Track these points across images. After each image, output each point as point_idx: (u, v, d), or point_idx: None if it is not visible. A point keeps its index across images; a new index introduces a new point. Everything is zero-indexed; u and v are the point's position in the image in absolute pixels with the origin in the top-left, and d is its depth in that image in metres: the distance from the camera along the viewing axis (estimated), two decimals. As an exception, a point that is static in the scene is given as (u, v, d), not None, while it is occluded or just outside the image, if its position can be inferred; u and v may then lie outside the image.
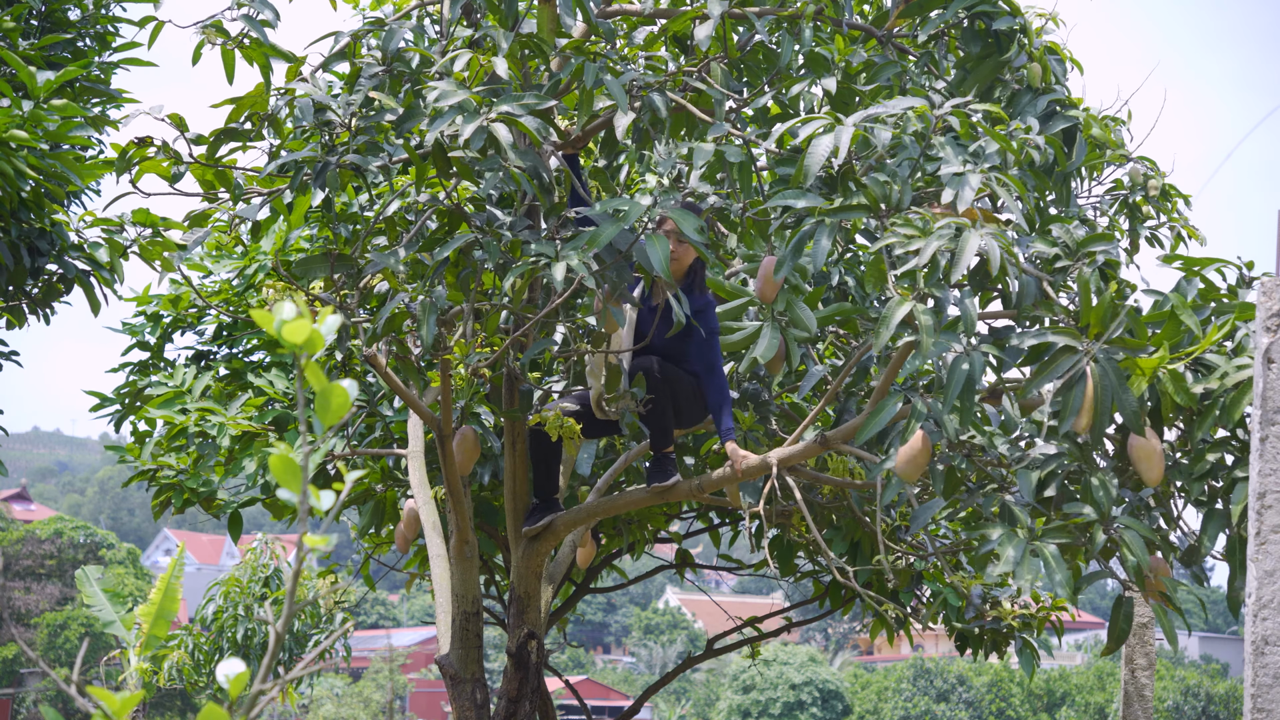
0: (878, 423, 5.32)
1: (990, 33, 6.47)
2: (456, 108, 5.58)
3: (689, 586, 21.47)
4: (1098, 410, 5.02)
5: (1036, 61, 6.47)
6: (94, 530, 42.01)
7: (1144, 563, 5.15)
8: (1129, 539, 5.19)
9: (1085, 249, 5.48)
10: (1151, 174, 7.63)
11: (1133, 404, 5.04)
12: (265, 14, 6.15)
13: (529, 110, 5.64)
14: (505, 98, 5.64)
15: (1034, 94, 6.50)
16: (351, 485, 6.77)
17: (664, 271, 5.62)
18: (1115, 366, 5.03)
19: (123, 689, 5.34)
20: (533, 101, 5.66)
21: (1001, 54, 6.46)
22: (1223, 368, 5.16)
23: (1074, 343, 5.07)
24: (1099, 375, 5.02)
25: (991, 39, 6.48)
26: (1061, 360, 5.06)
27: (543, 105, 5.68)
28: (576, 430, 6.48)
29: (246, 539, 15.69)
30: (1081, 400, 5.01)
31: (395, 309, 6.00)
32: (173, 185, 6.29)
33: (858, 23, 6.66)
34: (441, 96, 5.60)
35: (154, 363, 9.26)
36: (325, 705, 39.41)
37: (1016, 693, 44.04)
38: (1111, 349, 5.07)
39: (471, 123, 5.52)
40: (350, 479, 2.17)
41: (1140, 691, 9.03)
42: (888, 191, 5.26)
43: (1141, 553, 5.16)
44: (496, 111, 5.58)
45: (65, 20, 8.60)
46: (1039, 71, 6.47)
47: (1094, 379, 5.01)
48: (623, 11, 6.79)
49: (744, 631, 10.11)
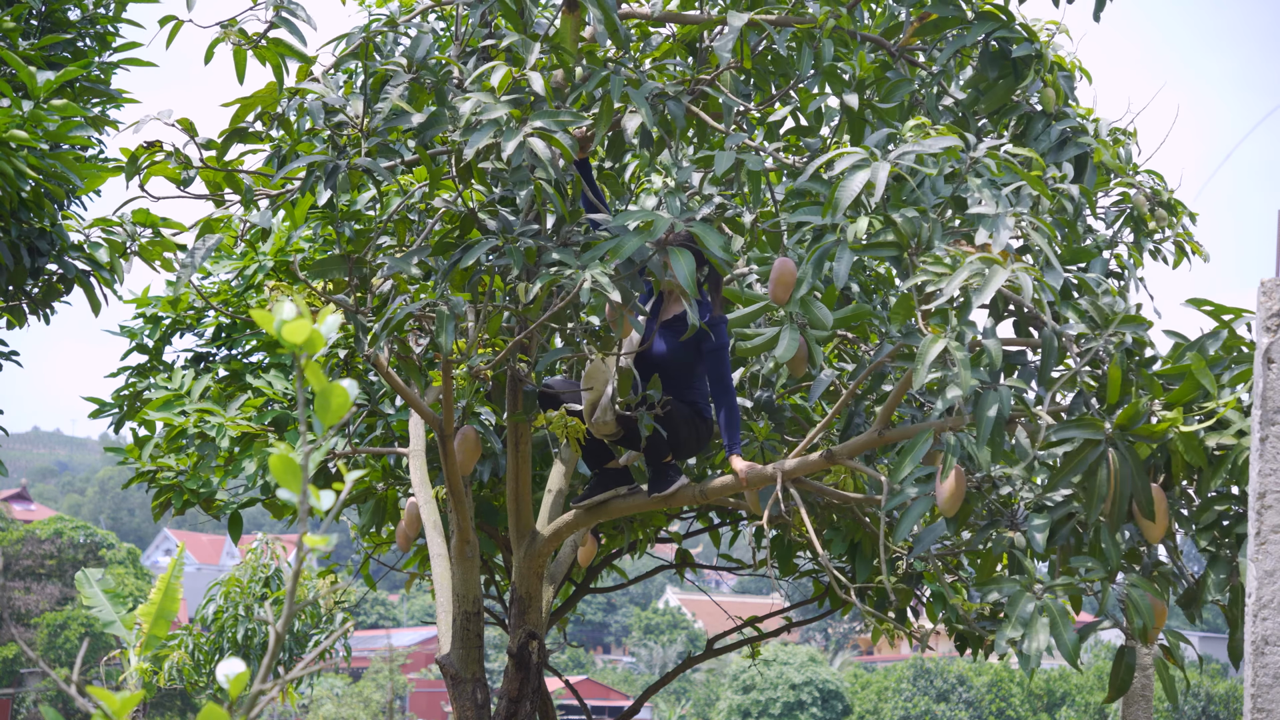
0: (912, 459, 5.33)
1: (1007, 57, 6.45)
2: (493, 123, 5.58)
3: (689, 586, 21.46)
4: (1117, 497, 5.13)
5: (1050, 87, 6.48)
6: (94, 530, 42.02)
7: (1150, 624, 5.22)
8: (1136, 598, 5.24)
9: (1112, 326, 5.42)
10: (1158, 189, 7.65)
11: (1146, 490, 5.15)
12: (296, 13, 6.09)
13: (563, 127, 5.64)
14: (539, 113, 5.64)
15: (1047, 119, 6.51)
16: (352, 484, 6.77)
17: (690, 286, 5.62)
18: (1134, 454, 5.15)
19: (123, 689, 5.34)
20: (568, 118, 5.66)
21: (1018, 80, 6.45)
22: (1237, 424, 5.16)
23: (1097, 435, 5.17)
24: (1119, 463, 5.13)
25: (1009, 63, 6.47)
26: (1086, 454, 5.17)
27: (579, 122, 5.69)
28: (582, 430, 6.47)
29: (246, 539, 15.70)
30: (1106, 490, 5.13)
31: (397, 309, 6.00)
32: (182, 189, 6.29)
33: (871, 36, 6.65)
34: (479, 110, 5.59)
35: (153, 365, 9.26)
36: (325, 705, 39.41)
37: (1016, 693, 44.05)
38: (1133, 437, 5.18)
39: (513, 139, 5.53)
40: (350, 478, 2.17)
41: (1140, 691, 9.03)
42: (918, 229, 5.27)
43: (1149, 614, 5.22)
44: (532, 126, 5.59)
45: (65, 20, 8.60)
46: (1053, 98, 6.48)
47: (1114, 467, 5.11)
48: (632, 14, 6.78)
49: (744, 631, 10.11)
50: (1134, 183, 7.60)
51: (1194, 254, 7.88)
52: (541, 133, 5.59)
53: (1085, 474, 5.15)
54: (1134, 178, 7.64)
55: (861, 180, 5.22)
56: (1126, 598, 5.25)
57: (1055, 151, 6.55)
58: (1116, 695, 5.53)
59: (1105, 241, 7.46)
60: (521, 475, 7.00)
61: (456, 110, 5.70)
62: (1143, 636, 5.24)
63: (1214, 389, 5.20)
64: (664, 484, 6.55)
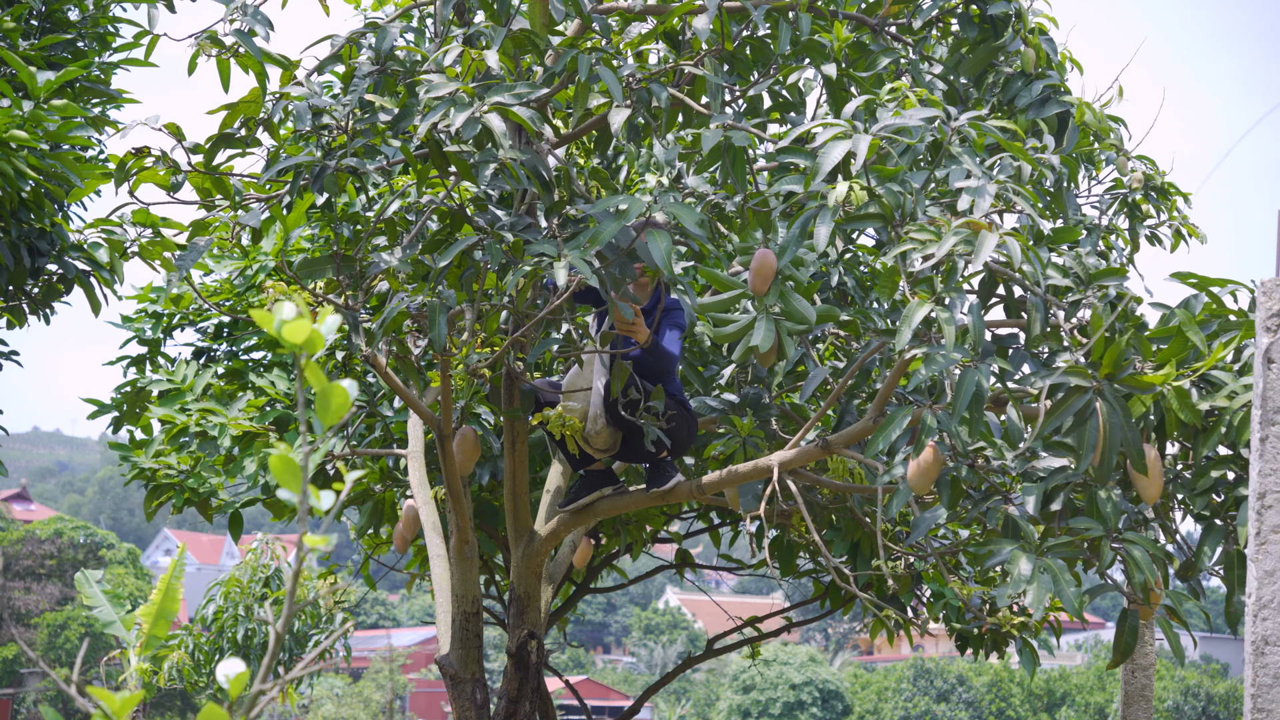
0: (887, 435, 5.33)
1: (986, 18, 6.48)
2: (447, 99, 5.57)
3: (689, 586, 21.45)
4: (1106, 448, 5.09)
5: (1031, 47, 6.49)
6: (94, 530, 42.00)
7: (1150, 579, 5.19)
8: (1136, 555, 5.22)
9: (1097, 281, 5.48)
10: (1150, 174, 7.61)
11: (1137, 442, 5.12)
12: (256, 26, 6.13)
13: (521, 100, 5.63)
14: (497, 89, 5.64)
15: (1027, 79, 6.52)
16: (351, 485, 6.77)
17: (666, 267, 5.62)
18: (1123, 405, 5.11)
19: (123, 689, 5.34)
20: (525, 91, 5.65)
21: (996, 39, 6.48)
22: (1229, 385, 5.17)
23: (1084, 382, 5.13)
24: (1107, 414, 5.09)
25: (987, 24, 6.49)
26: (1073, 400, 5.13)
27: (535, 95, 5.67)
28: (579, 428, 6.47)
29: (246, 539, 15.69)
30: (1096, 438, 5.09)
31: (394, 307, 6.00)
32: (171, 194, 6.28)
33: (851, 13, 6.66)
34: (432, 89, 5.59)
35: (152, 356, 9.26)
36: (325, 705, 39.40)
37: (1016, 693, 44.03)
38: (1120, 386, 5.13)
39: (463, 112, 5.51)
40: (350, 479, 2.17)
41: (1140, 691, 9.03)
42: (902, 201, 5.28)
43: (1149, 569, 5.20)
44: (489, 102, 5.57)
45: (65, 20, 8.60)
46: (1033, 57, 6.50)
47: (1103, 418, 5.07)
48: (615, 9, 6.77)
49: (744, 631, 10.11)
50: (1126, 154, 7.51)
51: (1191, 237, 7.83)
52: (498, 107, 5.58)
53: (1074, 423, 5.13)
54: (1126, 161, 7.58)
55: (842, 150, 5.23)
56: (1126, 554, 5.23)
57: (1037, 108, 6.56)
58: (1121, 659, 5.51)
59: (1095, 226, 7.44)
60: (519, 475, 7.00)
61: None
62: (1145, 594, 5.22)
63: (1204, 345, 5.23)
64: (661, 480, 6.58)
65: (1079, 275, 5.49)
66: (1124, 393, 5.14)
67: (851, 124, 5.33)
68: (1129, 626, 5.47)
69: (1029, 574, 5.13)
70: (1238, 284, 5.55)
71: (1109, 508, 5.21)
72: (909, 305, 5.05)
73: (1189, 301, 5.50)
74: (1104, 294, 5.43)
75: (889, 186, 5.30)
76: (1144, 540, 5.26)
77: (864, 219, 5.32)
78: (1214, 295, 5.52)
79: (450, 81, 5.61)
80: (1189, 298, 5.51)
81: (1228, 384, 5.19)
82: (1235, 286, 5.55)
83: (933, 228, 5.10)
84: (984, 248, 4.96)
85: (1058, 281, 5.42)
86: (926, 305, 5.03)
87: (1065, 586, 5.11)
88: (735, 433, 6.73)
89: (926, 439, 5.29)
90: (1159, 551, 5.31)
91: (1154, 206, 7.65)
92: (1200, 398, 5.22)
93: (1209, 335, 5.36)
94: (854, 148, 5.22)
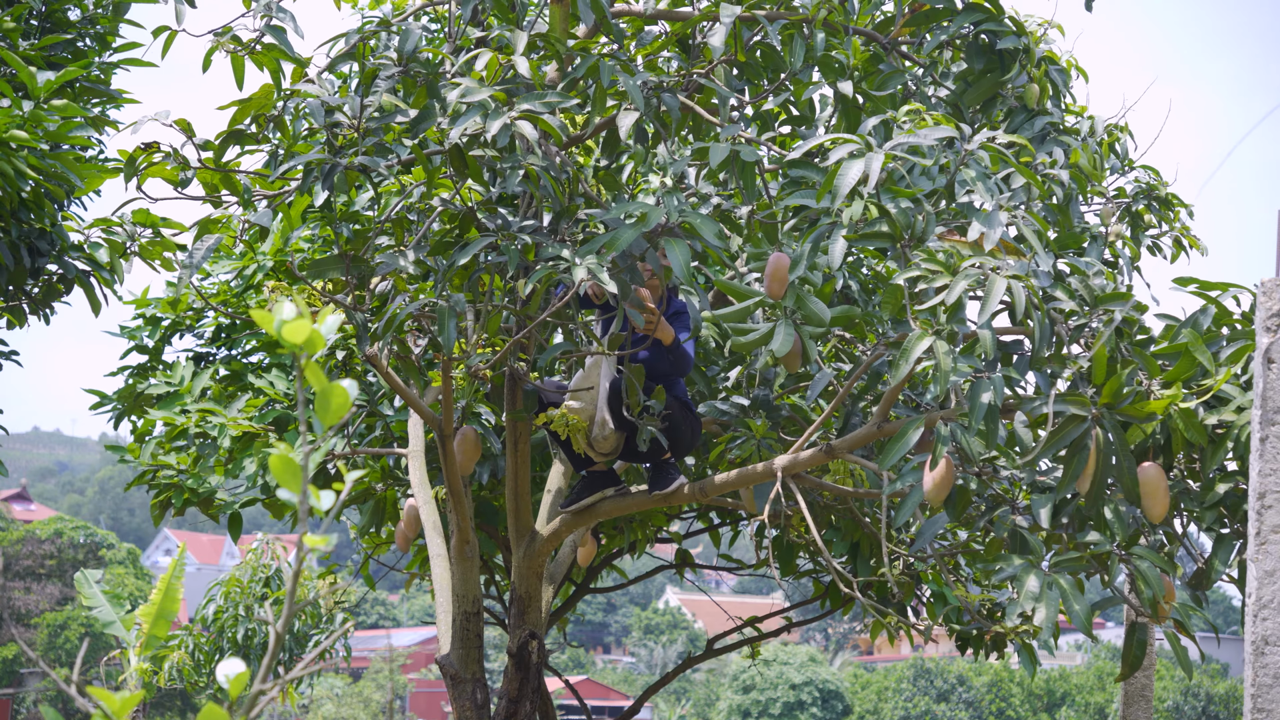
0: (900, 448, 5.32)
1: (994, 50, 6.48)
2: (478, 106, 5.56)
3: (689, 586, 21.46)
4: (1098, 477, 5.11)
5: (1035, 83, 6.50)
6: (94, 530, 42.02)
7: (1159, 595, 5.18)
8: (1145, 570, 5.22)
9: (1103, 305, 5.45)
10: (1153, 184, 7.64)
11: (1131, 471, 5.14)
12: (286, 22, 6.13)
13: (551, 109, 5.63)
14: (527, 96, 5.63)
15: (1029, 114, 6.53)
16: (351, 485, 6.78)
17: (686, 277, 5.61)
18: (1120, 434, 5.12)
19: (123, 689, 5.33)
20: (555, 99, 5.65)
21: (1004, 73, 6.48)
22: (1237, 400, 5.15)
23: (1082, 411, 5.14)
24: (1103, 444, 5.11)
25: (995, 56, 6.49)
26: (1070, 429, 5.14)
27: (565, 103, 5.67)
28: (583, 427, 6.47)
29: (246, 539, 15.70)
30: (1083, 468, 5.11)
31: (397, 309, 6.00)
32: (179, 190, 6.29)
33: (863, 30, 6.67)
34: (465, 94, 5.58)
35: (152, 365, 9.26)
36: (325, 705, 39.41)
37: (1016, 693, 44.04)
38: (1120, 415, 5.16)
39: (497, 120, 5.51)
40: (350, 479, 2.17)
41: (1140, 691, 9.03)
42: (912, 220, 5.27)
43: (1158, 584, 5.19)
44: (519, 109, 5.57)
45: (65, 20, 8.60)
46: (1036, 93, 6.51)
47: (1098, 447, 5.08)
48: (626, 12, 6.78)
49: (744, 631, 10.11)
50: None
51: (1191, 248, 7.87)
52: (529, 115, 5.58)
53: (1070, 448, 5.14)
54: (1129, 173, 7.62)
55: (859, 169, 5.23)
56: (1134, 570, 5.23)
57: (1035, 145, 6.58)
58: (1130, 672, 5.51)
59: (1099, 235, 7.47)
60: (520, 475, 7.00)
61: (445, 100, 5.71)
62: (1154, 608, 5.22)
63: (1211, 364, 5.21)
64: (664, 482, 6.57)
65: (1084, 298, 5.47)
66: (1123, 421, 5.15)
67: (866, 141, 5.33)
68: (1137, 640, 5.47)
69: (1038, 591, 5.14)
70: (1239, 288, 5.54)
71: (1116, 523, 5.21)
72: (909, 336, 5.06)
73: (1196, 318, 5.45)
74: (1109, 319, 5.40)
75: (900, 204, 5.29)
76: (1152, 554, 5.26)
77: (873, 237, 5.33)
78: (1215, 300, 5.49)
79: (482, 88, 5.61)
80: (1196, 314, 5.46)
81: (1235, 398, 5.17)
82: (1236, 290, 5.54)
83: (943, 257, 5.09)
84: (994, 294, 4.96)
85: (1063, 304, 5.40)
86: (928, 338, 5.04)
87: (1074, 603, 5.11)
88: (750, 435, 6.72)
89: (943, 449, 5.27)
90: (1166, 565, 5.31)
91: (1156, 216, 7.68)
92: (1207, 412, 5.21)
93: (1214, 352, 5.34)
94: (868, 168, 5.22)
